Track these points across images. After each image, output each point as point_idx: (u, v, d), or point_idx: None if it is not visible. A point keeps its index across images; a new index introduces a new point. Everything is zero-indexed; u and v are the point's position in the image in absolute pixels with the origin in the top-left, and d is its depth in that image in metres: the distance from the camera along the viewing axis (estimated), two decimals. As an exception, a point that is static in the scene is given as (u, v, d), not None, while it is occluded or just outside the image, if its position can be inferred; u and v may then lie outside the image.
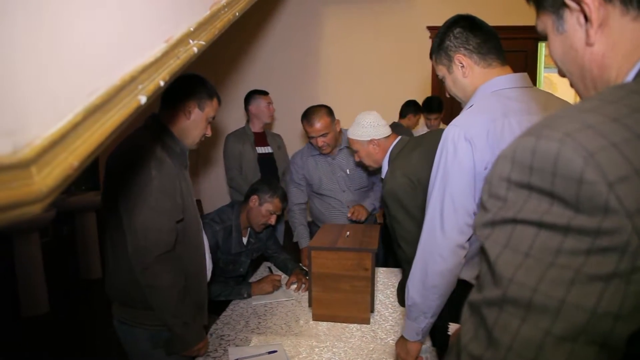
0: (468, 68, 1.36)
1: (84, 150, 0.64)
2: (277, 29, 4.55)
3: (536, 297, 0.46)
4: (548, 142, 0.47)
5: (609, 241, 0.43)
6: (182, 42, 0.97)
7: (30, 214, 0.55)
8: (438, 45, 1.42)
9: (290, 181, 2.86)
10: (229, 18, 1.27)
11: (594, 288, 0.44)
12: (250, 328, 1.92)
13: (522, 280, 0.47)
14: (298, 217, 2.82)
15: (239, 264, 2.49)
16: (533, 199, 0.47)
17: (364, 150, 2.10)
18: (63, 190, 0.61)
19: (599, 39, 0.59)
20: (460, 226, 1.28)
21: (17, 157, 0.55)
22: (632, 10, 0.56)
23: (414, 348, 1.49)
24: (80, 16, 0.70)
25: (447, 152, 1.28)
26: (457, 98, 1.47)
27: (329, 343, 1.77)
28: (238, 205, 2.47)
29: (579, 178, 0.44)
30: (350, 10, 4.46)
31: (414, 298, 1.40)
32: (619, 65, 0.58)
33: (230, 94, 4.57)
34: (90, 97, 0.68)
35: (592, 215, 0.44)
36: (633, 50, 0.57)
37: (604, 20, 0.57)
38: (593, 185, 0.43)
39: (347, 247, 1.93)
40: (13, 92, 0.56)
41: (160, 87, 0.85)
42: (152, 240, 1.47)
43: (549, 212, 0.46)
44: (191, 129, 1.64)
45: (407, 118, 4.01)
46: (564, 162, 0.45)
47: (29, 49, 0.59)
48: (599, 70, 0.60)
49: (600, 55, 0.59)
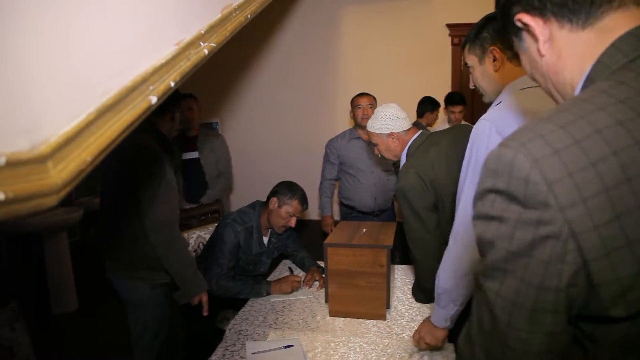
0: (500, 62, 1.39)
1: (96, 147, 0.68)
2: (291, 30, 4.58)
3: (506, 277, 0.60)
4: (507, 150, 0.59)
5: (547, 230, 0.55)
6: (192, 45, 1.02)
7: (46, 205, 0.59)
8: (475, 34, 1.44)
9: (326, 161, 3.37)
10: (240, 20, 1.31)
11: (539, 269, 0.56)
12: (268, 323, 1.96)
13: (492, 263, 0.61)
14: (325, 190, 3.39)
15: (260, 264, 2.54)
16: (498, 199, 0.60)
17: (383, 144, 2.09)
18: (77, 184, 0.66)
19: (547, 50, 0.71)
20: None
21: (34, 153, 0.59)
22: (566, 24, 0.68)
23: (441, 334, 1.56)
24: (94, 21, 0.74)
25: (478, 145, 1.31)
26: (481, 90, 1.50)
27: (344, 338, 1.79)
28: (259, 206, 2.51)
29: (526, 179, 0.56)
30: (367, 10, 4.47)
31: (444, 286, 1.46)
32: (570, 70, 0.70)
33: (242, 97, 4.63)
34: (103, 97, 0.73)
35: (536, 209, 0.55)
36: (580, 56, 0.68)
37: (550, 35, 0.70)
38: (536, 185, 0.55)
39: (362, 244, 1.96)
40: (30, 93, 0.61)
41: (170, 88, 0.89)
42: (171, 217, 2.03)
43: (507, 209, 0.58)
44: (173, 130, 2.26)
45: (425, 117, 3.98)
46: (517, 166, 0.57)
47: (46, 54, 0.64)
48: (555, 75, 0.73)
49: (552, 63, 0.72)
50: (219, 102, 4.69)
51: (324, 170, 3.40)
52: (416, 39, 4.45)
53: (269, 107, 4.62)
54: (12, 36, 0.58)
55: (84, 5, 0.72)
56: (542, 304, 0.57)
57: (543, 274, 0.56)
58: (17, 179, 0.55)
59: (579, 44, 0.68)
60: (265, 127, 4.63)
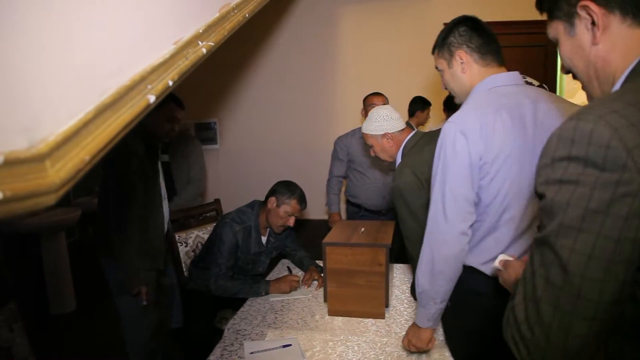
0: (467, 65, 1.48)
1: (95, 146, 0.68)
2: (290, 30, 4.56)
3: (581, 234, 0.66)
4: (585, 122, 0.67)
5: (625, 189, 0.63)
6: (191, 44, 1.01)
7: (44, 204, 0.59)
8: (442, 39, 1.53)
9: (334, 157, 3.36)
10: (238, 20, 1.31)
11: (618, 224, 0.64)
12: (267, 323, 1.96)
13: (566, 223, 0.68)
14: (333, 187, 3.38)
15: (259, 264, 2.54)
16: (571, 165, 0.67)
17: (378, 145, 2.11)
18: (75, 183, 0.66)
19: (602, 39, 0.79)
20: (461, 214, 1.38)
21: (32, 152, 0.59)
22: (629, 19, 0.77)
23: (425, 334, 1.56)
24: (93, 20, 0.74)
25: (445, 147, 1.38)
26: (452, 92, 1.59)
27: (343, 337, 1.79)
28: (258, 205, 2.51)
29: (607, 145, 0.64)
30: (365, 9, 4.46)
31: (423, 285, 1.48)
32: (617, 62, 0.79)
33: (241, 97, 4.63)
34: (101, 96, 0.73)
35: (615, 171, 0.63)
36: (628, 51, 0.77)
37: (606, 26, 0.78)
38: (617, 150, 0.63)
39: (361, 243, 1.96)
40: (29, 92, 0.61)
41: (169, 87, 0.88)
42: None
43: (583, 173, 0.66)
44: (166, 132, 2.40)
45: (416, 116, 3.98)
46: (596, 134, 0.65)
47: (44, 53, 0.64)
48: (603, 63, 0.81)
49: (604, 52, 0.80)
50: (217, 101, 4.68)
51: (332, 167, 3.39)
52: (415, 38, 4.44)
53: (267, 106, 4.61)
54: (12, 36, 0.58)
55: (83, 5, 0.72)
56: (618, 255, 0.64)
57: (621, 228, 0.63)
58: (15, 178, 0.55)
59: (633, 39, 0.77)
60: (263, 126, 4.62)
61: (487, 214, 1.40)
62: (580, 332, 0.68)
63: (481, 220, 1.41)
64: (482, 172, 1.36)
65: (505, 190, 1.36)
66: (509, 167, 1.34)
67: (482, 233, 1.43)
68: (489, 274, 1.39)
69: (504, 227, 1.39)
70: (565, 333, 0.68)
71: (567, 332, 0.68)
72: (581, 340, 0.68)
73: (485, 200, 1.39)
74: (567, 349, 0.69)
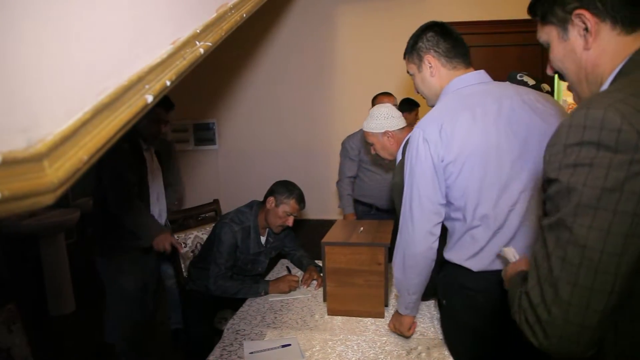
0: (435, 68, 1.56)
1: (93, 145, 0.68)
2: (288, 29, 4.56)
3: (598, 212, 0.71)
4: (595, 110, 0.73)
5: (638, 168, 0.69)
6: (188, 44, 1.01)
7: (43, 204, 0.59)
8: (412, 45, 1.62)
9: (345, 157, 3.32)
10: (236, 20, 1.31)
11: (633, 199, 0.69)
12: (266, 323, 1.96)
13: (583, 202, 0.72)
14: (345, 188, 3.33)
15: (258, 264, 2.54)
16: (583, 149, 0.73)
17: (378, 143, 2.14)
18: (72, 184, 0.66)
19: (594, 45, 0.87)
20: (426, 214, 1.46)
21: (31, 151, 0.59)
22: (618, 27, 0.85)
23: (405, 321, 1.70)
24: (91, 20, 0.74)
25: (411, 151, 1.47)
26: (422, 95, 1.66)
27: (342, 336, 1.80)
28: (256, 205, 2.51)
29: (619, 129, 0.70)
30: (363, 8, 4.47)
31: (398, 277, 1.60)
32: (605, 65, 0.87)
33: (239, 97, 4.63)
34: (99, 96, 0.73)
35: (627, 152, 0.70)
36: (616, 55, 0.85)
37: (598, 33, 0.86)
38: (628, 133, 0.70)
39: (360, 242, 1.96)
40: (27, 92, 0.61)
41: (166, 87, 0.89)
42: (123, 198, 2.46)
43: (596, 156, 0.72)
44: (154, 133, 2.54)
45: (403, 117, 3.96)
46: (608, 120, 0.71)
47: (42, 53, 0.64)
48: (592, 66, 0.89)
49: (594, 56, 0.88)
50: (215, 102, 4.67)
51: (343, 167, 3.34)
52: (412, 38, 4.45)
53: (266, 106, 4.60)
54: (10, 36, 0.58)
55: (81, 5, 0.72)
56: (636, 228, 0.70)
57: (636, 203, 0.69)
58: (13, 178, 0.55)
59: (620, 45, 0.85)
60: (262, 126, 4.62)
61: (462, 212, 1.45)
62: (599, 306, 0.72)
63: (458, 218, 1.48)
64: (446, 172, 1.42)
65: (474, 187, 1.41)
66: (472, 164, 1.40)
67: (461, 230, 1.48)
68: (475, 269, 1.45)
69: (480, 223, 1.43)
70: (585, 309, 0.72)
71: (586, 307, 0.72)
72: (599, 315, 0.72)
73: (455, 198, 1.45)
74: (585, 326, 0.73)
